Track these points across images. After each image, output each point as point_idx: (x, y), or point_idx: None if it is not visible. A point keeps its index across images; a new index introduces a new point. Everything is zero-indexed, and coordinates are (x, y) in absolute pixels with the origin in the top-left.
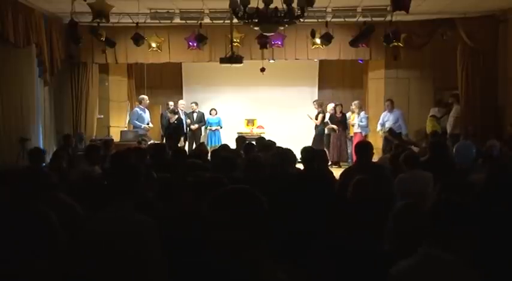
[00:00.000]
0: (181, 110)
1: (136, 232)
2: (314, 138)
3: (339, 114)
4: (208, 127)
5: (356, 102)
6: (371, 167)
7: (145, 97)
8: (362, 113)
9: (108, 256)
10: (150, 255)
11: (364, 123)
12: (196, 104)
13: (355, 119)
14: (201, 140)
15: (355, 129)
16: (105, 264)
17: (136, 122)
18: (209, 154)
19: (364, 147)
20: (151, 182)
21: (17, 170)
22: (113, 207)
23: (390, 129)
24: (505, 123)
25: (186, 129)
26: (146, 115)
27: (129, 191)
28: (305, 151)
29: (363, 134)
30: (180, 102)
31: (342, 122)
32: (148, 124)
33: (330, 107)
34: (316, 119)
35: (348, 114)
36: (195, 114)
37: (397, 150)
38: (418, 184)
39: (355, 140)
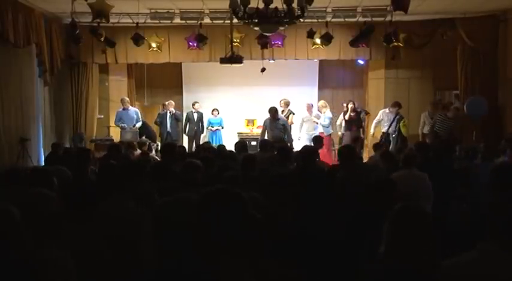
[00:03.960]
0: (170, 111)
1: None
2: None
3: (352, 113)
4: (209, 127)
5: (322, 102)
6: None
7: (124, 98)
8: (326, 113)
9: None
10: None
11: (326, 123)
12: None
13: (321, 119)
14: (202, 140)
15: (319, 129)
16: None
17: (118, 123)
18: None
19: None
20: None
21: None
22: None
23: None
24: (505, 123)
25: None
26: (129, 115)
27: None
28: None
29: (325, 134)
30: (171, 102)
31: (356, 121)
32: (123, 125)
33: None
34: (287, 119)
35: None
36: (195, 115)
37: None
38: (413, 184)
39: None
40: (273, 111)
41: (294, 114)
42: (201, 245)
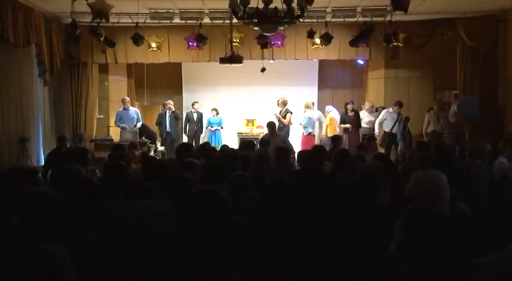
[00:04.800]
0: (170, 108)
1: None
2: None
3: (350, 113)
4: (209, 127)
5: (306, 102)
6: None
7: (125, 98)
8: (306, 113)
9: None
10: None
11: (303, 123)
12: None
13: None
14: (201, 140)
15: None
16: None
17: (118, 123)
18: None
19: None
20: None
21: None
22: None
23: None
24: (505, 123)
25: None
26: (130, 115)
27: None
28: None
29: (304, 134)
30: (169, 102)
31: (355, 121)
32: (123, 125)
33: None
34: (284, 118)
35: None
36: (195, 114)
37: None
38: (430, 183)
39: (302, 141)
40: (271, 126)
41: (292, 113)
42: (185, 243)
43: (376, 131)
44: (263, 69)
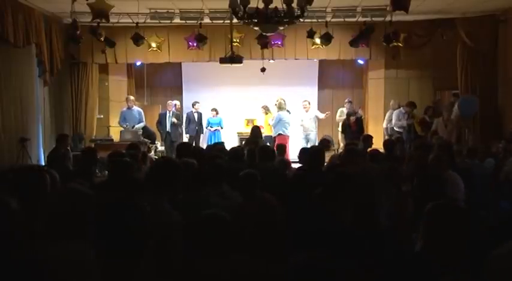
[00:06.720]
0: (169, 111)
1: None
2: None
3: (354, 127)
4: (209, 127)
5: (279, 102)
6: None
7: (129, 97)
8: (278, 113)
9: None
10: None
11: (272, 123)
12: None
13: (269, 120)
14: (201, 140)
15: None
16: None
17: (122, 123)
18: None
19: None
20: None
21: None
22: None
23: None
24: (505, 123)
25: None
26: (132, 114)
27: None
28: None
29: (273, 135)
30: (169, 103)
31: (358, 130)
32: (127, 125)
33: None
34: None
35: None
36: (195, 115)
37: None
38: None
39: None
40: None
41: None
42: None
43: (402, 124)
44: (263, 69)
